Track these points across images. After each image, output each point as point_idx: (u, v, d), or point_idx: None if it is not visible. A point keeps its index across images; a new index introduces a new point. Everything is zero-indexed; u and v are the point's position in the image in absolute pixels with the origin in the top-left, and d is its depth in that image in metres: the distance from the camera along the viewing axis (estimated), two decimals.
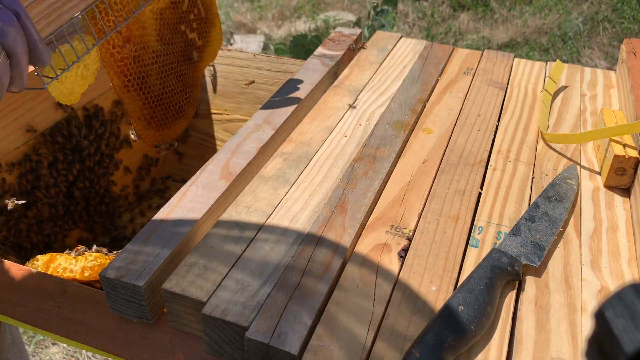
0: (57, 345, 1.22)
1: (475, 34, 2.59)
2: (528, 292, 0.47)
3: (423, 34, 2.62)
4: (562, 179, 0.58)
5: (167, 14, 0.69)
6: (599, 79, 0.79)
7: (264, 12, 2.92)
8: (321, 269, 0.48)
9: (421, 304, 0.46)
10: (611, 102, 0.73)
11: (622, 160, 0.56)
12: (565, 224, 0.54)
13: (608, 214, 0.55)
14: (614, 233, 0.53)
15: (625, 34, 2.48)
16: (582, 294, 0.47)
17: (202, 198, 0.55)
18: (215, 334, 0.45)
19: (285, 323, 0.43)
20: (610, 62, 2.26)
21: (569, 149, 0.64)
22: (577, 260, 0.50)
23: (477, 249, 0.51)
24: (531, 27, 2.60)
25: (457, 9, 2.80)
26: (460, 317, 0.42)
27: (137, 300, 0.47)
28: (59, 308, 0.52)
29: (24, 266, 0.55)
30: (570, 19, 2.60)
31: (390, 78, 0.79)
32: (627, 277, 0.48)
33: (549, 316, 0.45)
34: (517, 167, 0.61)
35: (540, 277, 0.48)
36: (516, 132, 0.67)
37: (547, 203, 0.54)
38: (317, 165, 0.61)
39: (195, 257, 0.49)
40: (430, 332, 0.41)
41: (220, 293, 0.45)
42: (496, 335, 0.43)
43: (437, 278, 0.48)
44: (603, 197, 0.57)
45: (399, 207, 0.55)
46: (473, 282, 0.45)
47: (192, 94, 0.77)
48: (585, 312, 0.45)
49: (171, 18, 0.70)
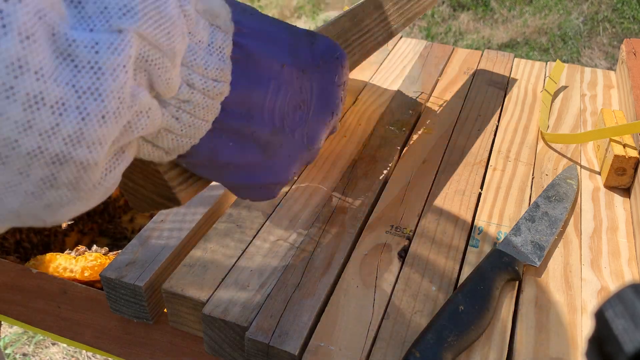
0: (57, 345, 1.22)
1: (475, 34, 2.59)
2: (528, 292, 0.47)
3: (423, 34, 2.62)
4: (562, 179, 0.58)
5: None
6: (599, 79, 0.79)
7: (264, 11, 2.92)
8: (321, 269, 0.48)
9: (421, 304, 0.46)
10: (611, 102, 0.73)
11: (622, 160, 0.56)
12: (565, 224, 0.54)
13: (608, 213, 0.55)
14: (614, 233, 0.53)
15: (625, 34, 2.48)
16: (582, 294, 0.47)
17: (202, 198, 0.55)
18: (215, 334, 0.45)
19: (286, 323, 0.43)
20: (611, 62, 2.26)
21: (569, 149, 0.64)
22: (577, 260, 0.50)
23: (477, 249, 0.51)
24: (531, 27, 2.60)
25: (457, 9, 2.80)
26: (460, 317, 0.42)
27: (137, 301, 0.47)
28: (59, 308, 0.52)
29: (24, 266, 0.55)
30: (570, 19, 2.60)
31: (390, 78, 0.79)
32: (627, 277, 0.48)
33: (549, 316, 0.45)
34: (517, 167, 0.61)
35: (540, 277, 0.48)
36: (516, 132, 0.67)
37: (547, 203, 0.54)
38: (317, 165, 0.61)
39: (195, 257, 0.49)
40: (431, 332, 0.41)
41: (220, 293, 0.45)
42: (496, 336, 0.43)
43: (437, 278, 0.48)
44: (603, 197, 0.57)
45: (399, 207, 0.55)
46: (473, 282, 0.45)
47: None
48: (586, 312, 0.45)
49: None
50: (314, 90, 0.38)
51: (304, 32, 0.37)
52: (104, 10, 0.23)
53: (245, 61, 0.32)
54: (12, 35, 0.20)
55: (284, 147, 0.37)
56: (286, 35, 0.36)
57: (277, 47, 0.35)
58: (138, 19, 0.24)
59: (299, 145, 0.37)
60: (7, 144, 0.22)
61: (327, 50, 0.38)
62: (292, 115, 0.36)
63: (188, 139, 0.31)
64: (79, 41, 0.23)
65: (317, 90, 0.38)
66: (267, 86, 0.34)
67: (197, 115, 0.30)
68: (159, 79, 0.27)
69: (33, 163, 0.23)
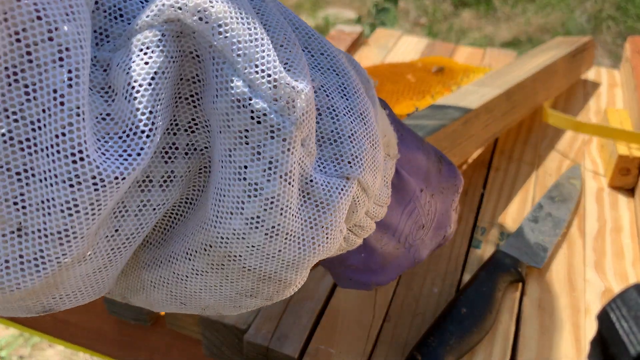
0: (54, 347, 1.22)
1: (478, 32, 2.58)
2: (531, 294, 0.46)
3: (424, 32, 2.62)
4: (565, 179, 0.57)
5: None
6: (603, 78, 0.78)
7: None
8: (321, 270, 0.47)
9: (423, 306, 0.45)
10: (615, 101, 0.73)
11: (626, 160, 0.56)
12: (568, 224, 0.53)
13: (612, 214, 0.54)
14: (618, 234, 0.52)
15: (629, 32, 2.47)
16: (586, 295, 0.46)
17: None
18: (214, 337, 0.44)
19: (285, 325, 0.42)
20: (614, 60, 2.25)
21: (573, 149, 0.63)
22: (580, 262, 0.49)
23: (479, 250, 0.50)
24: (534, 25, 2.59)
25: (459, 6, 2.79)
26: (462, 320, 0.41)
27: None
28: None
29: None
30: (574, 17, 2.59)
31: None
32: (632, 279, 0.48)
33: (553, 318, 0.44)
34: (520, 167, 0.61)
35: (543, 279, 0.48)
36: (519, 132, 0.67)
37: (550, 204, 0.54)
38: None
39: None
40: (433, 334, 0.41)
41: None
42: (499, 338, 0.43)
43: (439, 280, 0.47)
44: (607, 197, 0.57)
45: None
46: (476, 284, 0.44)
47: None
48: (589, 313, 0.45)
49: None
50: (436, 213, 0.40)
51: (435, 157, 0.40)
52: (339, 157, 0.26)
53: (396, 186, 0.34)
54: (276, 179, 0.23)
55: (399, 259, 0.39)
56: (425, 161, 0.38)
57: (418, 173, 0.37)
58: (362, 171, 0.27)
59: (409, 260, 0.39)
60: (231, 258, 0.24)
61: (450, 175, 0.41)
62: (414, 234, 0.38)
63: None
64: (318, 183, 0.25)
65: (438, 214, 0.40)
66: (406, 207, 0.36)
67: (360, 236, 0.32)
68: (354, 214, 0.29)
69: (245, 276, 0.25)
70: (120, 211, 0.22)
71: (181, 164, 0.23)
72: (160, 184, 0.23)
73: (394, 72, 0.73)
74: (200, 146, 0.24)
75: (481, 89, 0.58)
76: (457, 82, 0.71)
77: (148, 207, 0.23)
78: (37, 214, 0.19)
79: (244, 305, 0.27)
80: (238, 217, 0.23)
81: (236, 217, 0.23)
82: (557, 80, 0.67)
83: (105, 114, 0.21)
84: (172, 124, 0.23)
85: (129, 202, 0.22)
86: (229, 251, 0.24)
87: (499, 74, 0.63)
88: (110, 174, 0.20)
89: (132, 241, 0.23)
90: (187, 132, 0.23)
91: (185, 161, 0.24)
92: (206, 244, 0.24)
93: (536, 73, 0.62)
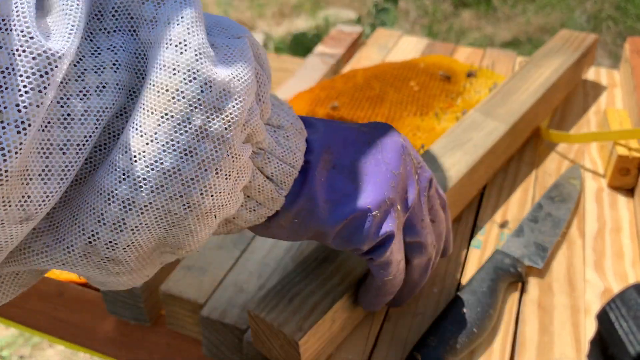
0: (54, 347, 1.22)
1: (478, 32, 2.58)
2: (531, 294, 0.46)
3: (424, 32, 2.62)
4: (565, 179, 0.57)
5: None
6: (602, 78, 0.78)
7: (263, 10, 2.91)
8: None
9: (423, 306, 0.45)
10: (614, 101, 0.73)
11: (625, 161, 0.56)
12: (568, 224, 0.53)
13: (612, 214, 0.54)
14: (617, 234, 0.52)
15: (629, 32, 2.47)
16: (586, 295, 0.46)
17: None
18: (213, 337, 0.44)
19: None
20: (614, 60, 2.25)
21: (572, 149, 0.63)
22: (580, 262, 0.49)
23: (479, 250, 0.50)
24: (534, 25, 2.59)
25: (459, 6, 2.79)
26: (462, 319, 0.41)
27: (135, 302, 0.47)
28: (56, 310, 0.51)
29: None
30: (574, 17, 2.59)
31: None
32: (631, 279, 0.48)
33: (552, 318, 0.44)
34: (520, 168, 0.61)
35: (543, 279, 0.48)
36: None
37: (550, 204, 0.54)
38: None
39: (194, 258, 0.48)
40: (432, 334, 0.41)
41: (219, 295, 0.45)
42: (499, 338, 0.43)
43: (439, 280, 0.47)
44: (607, 197, 0.57)
45: None
46: (475, 284, 0.44)
47: None
48: (589, 313, 0.45)
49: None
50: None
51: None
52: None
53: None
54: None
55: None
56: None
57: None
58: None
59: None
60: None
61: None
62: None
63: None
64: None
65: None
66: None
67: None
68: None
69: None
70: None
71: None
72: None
73: (396, 77, 0.72)
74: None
75: (486, 121, 0.56)
76: (461, 91, 0.70)
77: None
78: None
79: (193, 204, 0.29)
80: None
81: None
82: (559, 93, 0.67)
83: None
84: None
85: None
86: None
87: (503, 95, 0.60)
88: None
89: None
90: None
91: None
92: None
93: (541, 97, 0.60)
